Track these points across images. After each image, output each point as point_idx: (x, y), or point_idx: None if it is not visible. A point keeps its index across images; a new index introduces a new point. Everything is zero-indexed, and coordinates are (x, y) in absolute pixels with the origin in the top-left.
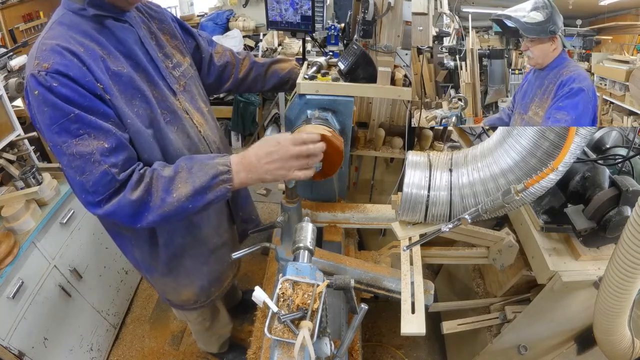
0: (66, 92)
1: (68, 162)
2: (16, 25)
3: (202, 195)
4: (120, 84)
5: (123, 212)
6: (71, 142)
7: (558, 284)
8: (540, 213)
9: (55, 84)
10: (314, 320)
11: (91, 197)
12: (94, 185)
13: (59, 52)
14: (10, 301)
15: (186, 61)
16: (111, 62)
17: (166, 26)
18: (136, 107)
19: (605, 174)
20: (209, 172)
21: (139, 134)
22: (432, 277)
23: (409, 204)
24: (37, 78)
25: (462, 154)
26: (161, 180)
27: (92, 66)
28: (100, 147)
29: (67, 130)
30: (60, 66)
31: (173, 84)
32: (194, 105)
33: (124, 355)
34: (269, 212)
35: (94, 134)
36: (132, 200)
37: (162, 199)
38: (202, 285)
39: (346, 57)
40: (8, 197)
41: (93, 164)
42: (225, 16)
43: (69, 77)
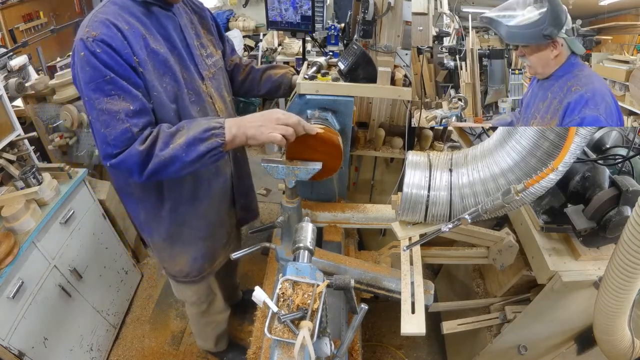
0: (106, 59)
1: (97, 115)
2: (16, 25)
3: (195, 146)
4: (156, 61)
5: (132, 161)
6: (103, 99)
7: (558, 284)
8: (540, 213)
9: (99, 50)
10: (314, 320)
11: (110, 148)
12: (115, 139)
13: (107, 25)
14: (10, 301)
15: (218, 53)
16: (151, 41)
17: (205, 22)
18: (165, 83)
19: (605, 174)
20: (203, 125)
21: (163, 106)
22: (432, 277)
23: (409, 204)
24: (85, 42)
25: (462, 154)
26: (163, 134)
27: (133, 42)
28: (126, 108)
29: (101, 89)
30: (106, 36)
31: (203, 70)
32: (218, 93)
33: (124, 355)
34: (269, 212)
35: (123, 96)
36: (139, 151)
37: (161, 149)
38: (195, 258)
39: (346, 57)
40: (8, 197)
41: (118, 120)
42: (225, 16)
43: (111, 47)
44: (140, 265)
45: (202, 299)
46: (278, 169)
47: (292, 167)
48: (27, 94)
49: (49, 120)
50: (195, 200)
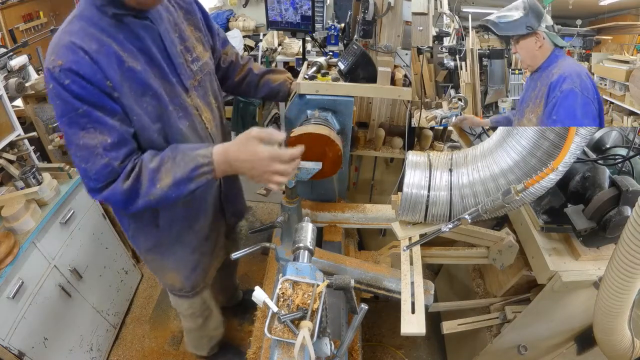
0: (76, 89)
1: (75, 151)
2: (16, 25)
3: (184, 186)
4: (133, 81)
5: (116, 199)
6: (79, 134)
7: (558, 284)
8: (540, 213)
9: (67, 81)
10: (314, 320)
11: (92, 183)
12: (96, 174)
13: (72, 50)
14: (10, 301)
15: (206, 55)
16: (127, 58)
17: (192, 17)
18: (145, 104)
19: (605, 174)
20: (190, 163)
21: (145, 129)
22: (432, 277)
23: (409, 204)
24: (52, 73)
25: (462, 154)
26: (147, 171)
27: (104, 64)
28: (104, 142)
29: (76, 123)
30: (73, 64)
31: (187, 80)
32: (205, 101)
33: (124, 355)
34: (269, 212)
35: (100, 129)
36: (124, 189)
37: (148, 188)
38: (187, 275)
39: (346, 57)
40: (8, 197)
41: (96, 156)
42: (225, 16)
43: (80, 75)
44: (140, 265)
45: (197, 314)
46: None
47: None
48: (27, 94)
49: (49, 120)
50: (189, 218)
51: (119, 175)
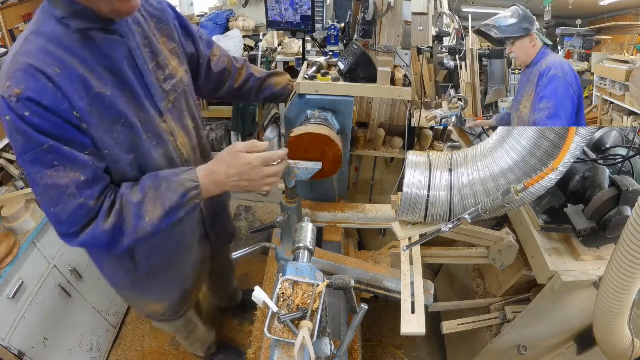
0: (39, 122)
1: (42, 192)
2: (16, 25)
3: (174, 215)
4: (102, 108)
5: (99, 242)
6: (45, 173)
7: (558, 284)
8: (540, 213)
9: (27, 113)
10: (314, 320)
11: (66, 228)
12: (70, 217)
13: (32, 75)
14: (10, 301)
15: (181, 70)
16: (94, 81)
17: (165, 26)
18: (117, 133)
19: (605, 174)
20: (178, 190)
21: (116, 162)
22: (432, 277)
23: (409, 204)
24: (8, 103)
25: (462, 154)
26: (130, 206)
27: (69, 91)
28: (76, 180)
29: (41, 161)
30: (33, 93)
31: (161, 102)
32: (180, 124)
33: (124, 355)
34: (269, 212)
35: (70, 165)
36: (106, 230)
37: (135, 225)
38: (170, 304)
39: (346, 57)
40: (8, 197)
41: (68, 197)
42: (225, 16)
43: (42, 106)
44: None
45: (180, 331)
46: None
47: (292, 167)
48: None
49: None
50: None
51: (96, 215)
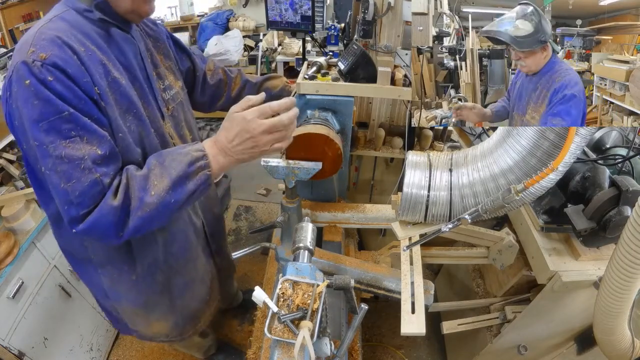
0: (61, 89)
1: (53, 166)
2: (16, 25)
3: (182, 186)
4: (117, 94)
5: (106, 222)
6: (60, 143)
7: (558, 284)
8: (540, 213)
9: (50, 77)
10: (314, 320)
11: (74, 209)
12: (81, 195)
13: (59, 45)
14: (10, 301)
15: (177, 85)
16: (111, 68)
17: (161, 45)
18: (129, 122)
19: (605, 174)
20: (184, 160)
21: (129, 151)
22: (432, 277)
23: (409, 204)
24: (30, 67)
25: (462, 154)
26: (135, 179)
27: (91, 68)
28: (93, 153)
29: (56, 129)
30: (59, 60)
31: (162, 107)
32: (177, 132)
33: (124, 355)
34: (269, 212)
35: (87, 137)
36: (114, 207)
37: (141, 199)
38: (176, 322)
39: (346, 57)
40: (8, 197)
41: (83, 170)
42: (225, 16)
43: (67, 74)
44: None
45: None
46: (278, 169)
47: (292, 167)
48: None
49: None
50: (170, 256)
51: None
